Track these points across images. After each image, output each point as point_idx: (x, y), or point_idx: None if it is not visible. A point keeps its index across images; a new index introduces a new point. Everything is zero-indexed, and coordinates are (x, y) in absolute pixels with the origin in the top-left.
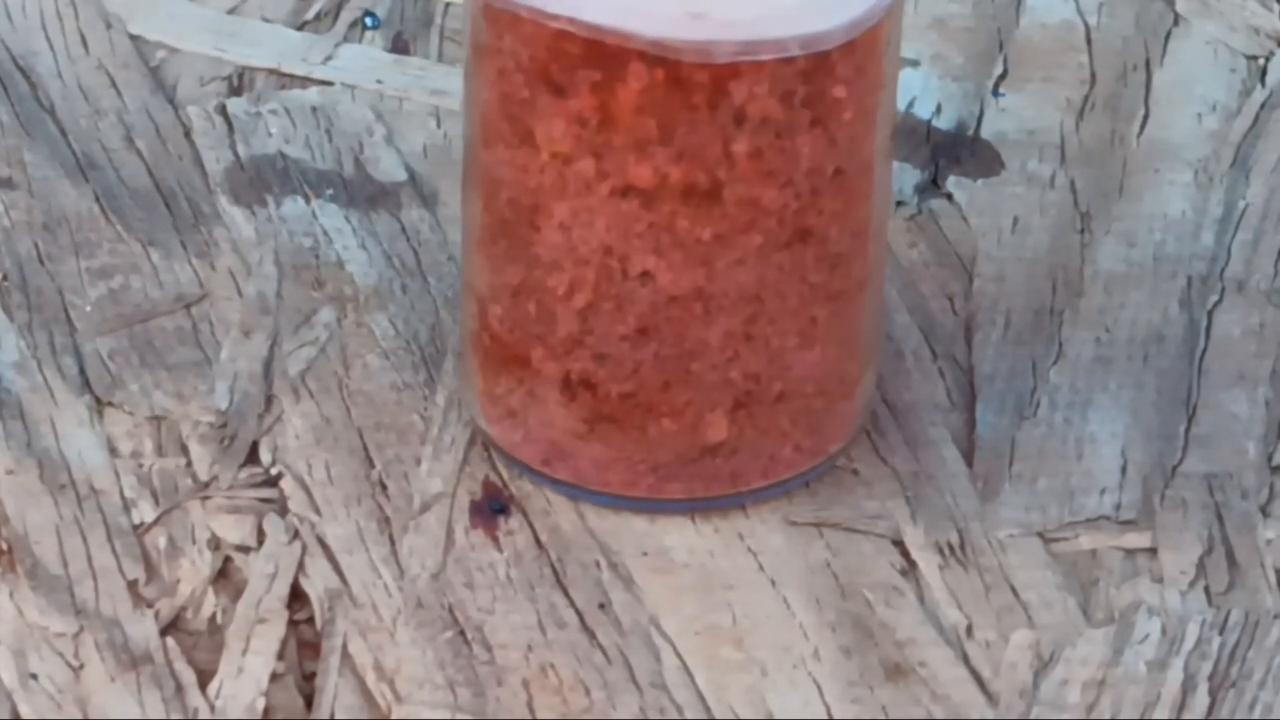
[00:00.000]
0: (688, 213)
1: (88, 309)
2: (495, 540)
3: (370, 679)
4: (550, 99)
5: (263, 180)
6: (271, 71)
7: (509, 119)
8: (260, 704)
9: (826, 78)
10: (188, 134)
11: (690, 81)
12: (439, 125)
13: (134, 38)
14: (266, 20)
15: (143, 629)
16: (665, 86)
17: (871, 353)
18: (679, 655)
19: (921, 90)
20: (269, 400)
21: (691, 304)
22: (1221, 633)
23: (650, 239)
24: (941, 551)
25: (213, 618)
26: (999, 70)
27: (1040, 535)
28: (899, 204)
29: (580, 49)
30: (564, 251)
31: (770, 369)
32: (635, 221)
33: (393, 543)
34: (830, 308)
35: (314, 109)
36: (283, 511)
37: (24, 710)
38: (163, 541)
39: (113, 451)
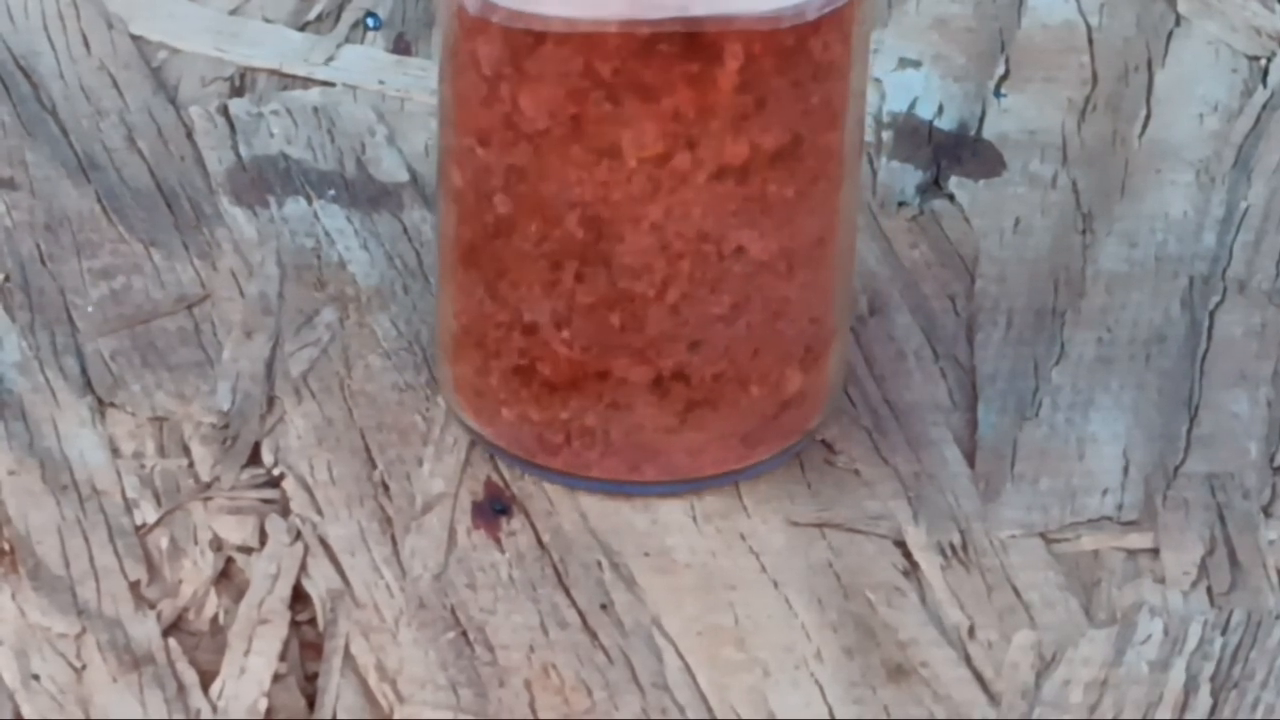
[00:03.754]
0: (775, 177)
1: (89, 309)
2: (497, 541)
3: (372, 679)
4: (639, 104)
5: (264, 181)
6: (273, 72)
7: (582, 138)
8: (262, 705)
9: (859, 12)
10: (189, 134)
11: (781, 48)
12: None
13: (135, 38)
14: (268, 21)
15: (145, 630)
16: (760, 59)
17: None
18: (681, 655)
19: (923, 91)
20: (271, 401)
21: (778, 265)
22: (1224, 633)
23: (744, 213)
24: (943, 552)
25: (215, 618)
26: (1000, 71)
27: (1042, 536)
28: (901, 204)
29: (677, 46)
30: (655, 252)
31: (830, 310)
32: (729, 200)
33: (395, 543)
34: (852, 241)
35: (316, 109)
36: (285, 512)
37: (26, 711)
38: (165, 542)
39: (115, 452)
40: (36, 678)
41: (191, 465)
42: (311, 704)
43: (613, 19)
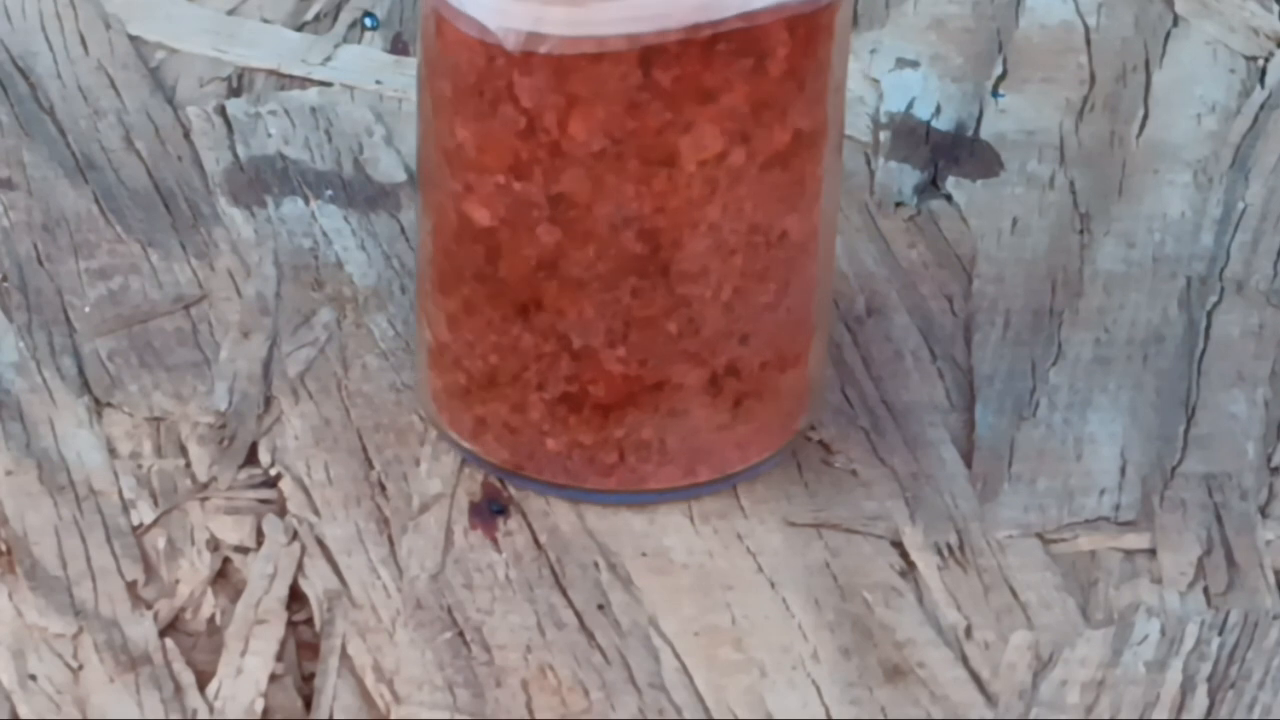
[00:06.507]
0: (811, 156)
1: (87, 310)
2: (494, 541)
3: (369, 680)
4: (699, 107)
5: (262, 181)
6: (271, 72)
7: (640, 152)
8: (259, 705)
9: None
10: (187, 135)
11: (816, 27)
12: None
13: (133, 38)
14: (266, 21)
15: (142, 630)
16: (803, 42)
17: None
18: (678, 656)
19: (921, 91)
20: (268, 401)
21: (809, 244)
22: (1220, 633)
23: (788, 199)
24: (940, 552)
25: (212, 619)
26: (998, 71)
27: (1039, 536)
28: (898, 205)
29: (735, 45)
30: (711, 253)
31: (827, 282)
32: (776, 187)
33: (392, 543)
34: (836, 216)
35: (313, 110)
36: (281, 512)
37: (23, 711)
38: (162, 542)
39: (112, 452)
40: (34, 678)
41: (189, 465)
42: (308, 704)
43: (678, 27)
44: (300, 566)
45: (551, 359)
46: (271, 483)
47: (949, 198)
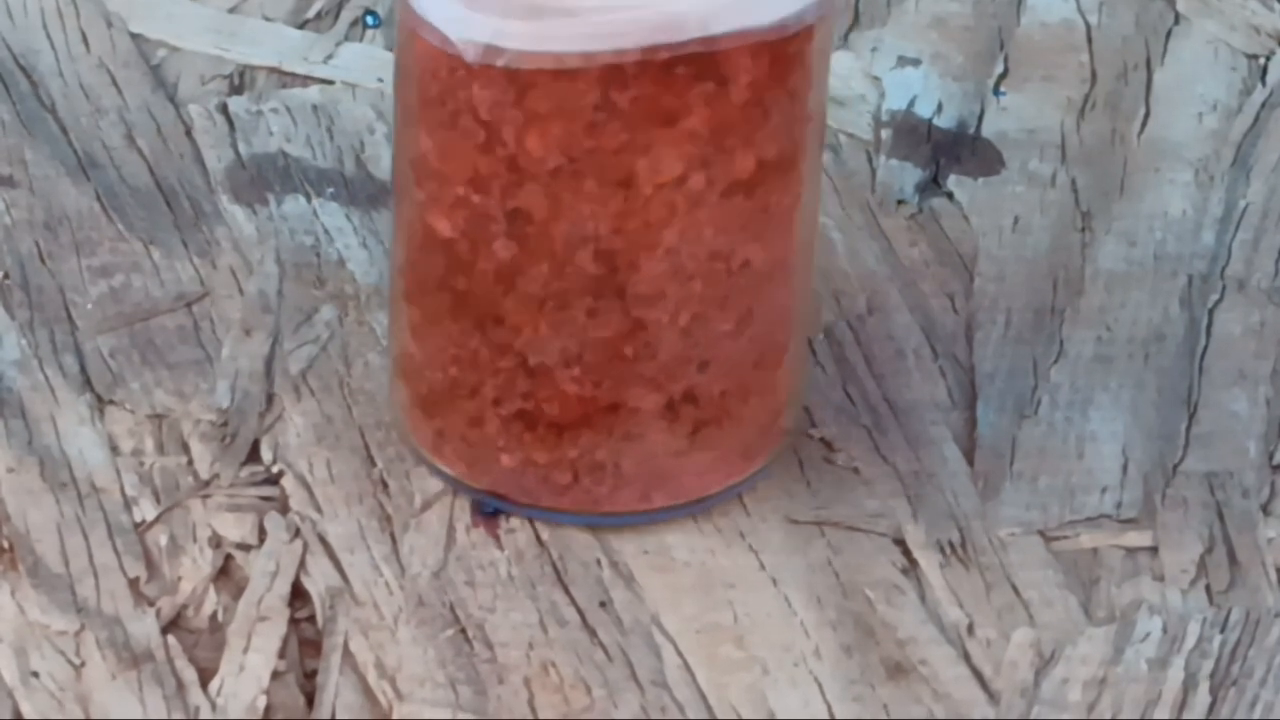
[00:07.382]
0: (778, 185)
1: (89, 307)
2: (496, 538)
3: (371, 677)
4: (658, 130)
5: (264, 179)
6: (272, 70)
7: (597, 171)
8: (261, 702)
9: (822, 21)
10: (189, 132)
11: (784, 56)
12: None
13: (135, 36)
14: (267, 19)
15: (144, 627)
16: (768, 69)
17: None
18: (680, 653)
19: (922, 89)
20: (270, 398)
21: (776, 275)
22: (1222, 631)
23: (751, 226)
24: (942, 550)
25: (214, 616)
26: (1000, 69)
27: (1041, 534)
28: (900, 203)
29: (694, 68)
30: (669, 278)
31: (802, 313)
32: (738, 215)
33: (394, 541)
34: (814, 240)
35: (315, 107)
36: (284, 510)
37: (25, 708)
38: (164, 539)
39: (114, 449)
40: (36, 675)
41: (190, 463)
42: (310, 702)
43: (635, 47)
44: (302, 564)
45: (508, 375)
46: (273, 480)
47: (950, 196)
